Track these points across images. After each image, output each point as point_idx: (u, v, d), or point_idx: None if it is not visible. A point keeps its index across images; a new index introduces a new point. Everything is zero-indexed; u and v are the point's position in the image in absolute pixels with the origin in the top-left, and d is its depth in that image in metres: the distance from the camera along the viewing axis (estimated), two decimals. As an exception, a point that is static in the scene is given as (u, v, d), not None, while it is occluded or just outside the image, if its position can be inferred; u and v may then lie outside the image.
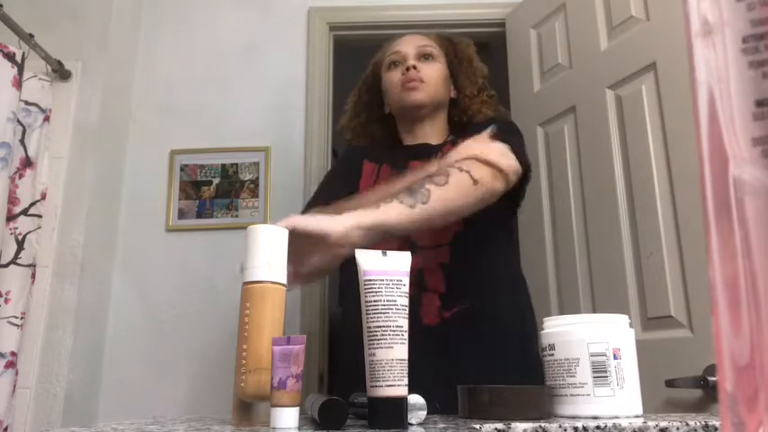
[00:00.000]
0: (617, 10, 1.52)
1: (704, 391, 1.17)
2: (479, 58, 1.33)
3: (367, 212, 0.89)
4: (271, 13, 2.05)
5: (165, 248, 1.85)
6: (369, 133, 1.34)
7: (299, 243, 0.81)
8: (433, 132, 1.25)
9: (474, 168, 0.98)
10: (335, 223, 0.85)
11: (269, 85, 1.98)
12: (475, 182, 0.97)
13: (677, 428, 0.61)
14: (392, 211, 0.90)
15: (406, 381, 0.61)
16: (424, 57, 1.24)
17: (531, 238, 1.69)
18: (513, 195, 1.12)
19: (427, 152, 1.17)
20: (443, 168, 0.98)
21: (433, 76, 1.22)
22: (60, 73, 1.72)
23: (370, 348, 0.62)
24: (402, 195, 0.93)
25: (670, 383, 1.18)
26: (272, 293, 0.69)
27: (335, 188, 1.20)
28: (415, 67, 1.21)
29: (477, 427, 0.60)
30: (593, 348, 0.69)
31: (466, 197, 0.96)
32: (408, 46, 1.26)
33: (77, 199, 1.67)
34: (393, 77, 1.24)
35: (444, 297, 1.09)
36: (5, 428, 1.41)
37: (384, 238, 0.90)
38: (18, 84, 1.49)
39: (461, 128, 1.25)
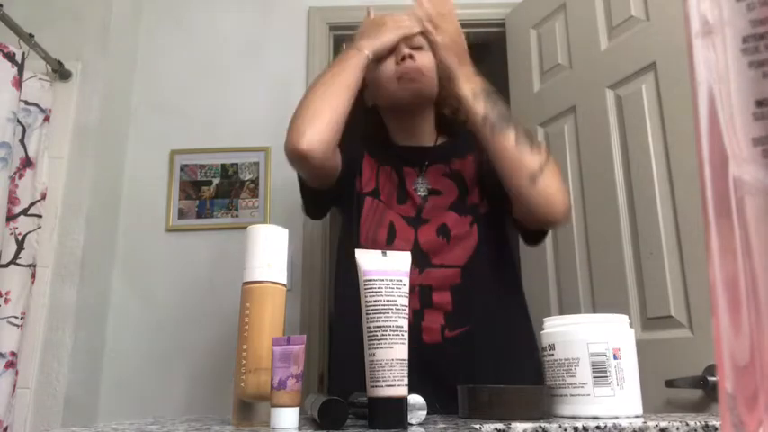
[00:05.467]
0: (617, 10, 1.52)
1: (704, 391, 1.17)
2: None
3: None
4: (271, 13, 2.05)
5: (165, 248, 1.85)
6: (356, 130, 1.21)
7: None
8: (426, 129, 1.18)
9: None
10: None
11: (269, 85, 1.98)
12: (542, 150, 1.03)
13: (677, 428, 0.61)
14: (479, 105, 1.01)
15: (406, 381, 0.61)
16: (417, 48, 1.13)
17: (531, 238, 1.70)
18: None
19: (421, 157, 1.15)
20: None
21: (430, 68, 1.12)
22: (60, 73, 1.72)
23: (370, 348, 0.62)
24: (494, 115, 1.01)
25: (670, 383, 1.18)
26: (272, 293, 0.69)
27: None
28: (411, 57, 1.09)
29: (477, 427, 0.60)
30: (593, 348, 0.69)
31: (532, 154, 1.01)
32: None
33: (77, 199, 1.67)
34: (385, 69, 1.11)
35: (450, 316, 1.03)
36: (5, 428, 1.41)
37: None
38: (18, 84, 1.49)
39: (450, 126, 1.20)
